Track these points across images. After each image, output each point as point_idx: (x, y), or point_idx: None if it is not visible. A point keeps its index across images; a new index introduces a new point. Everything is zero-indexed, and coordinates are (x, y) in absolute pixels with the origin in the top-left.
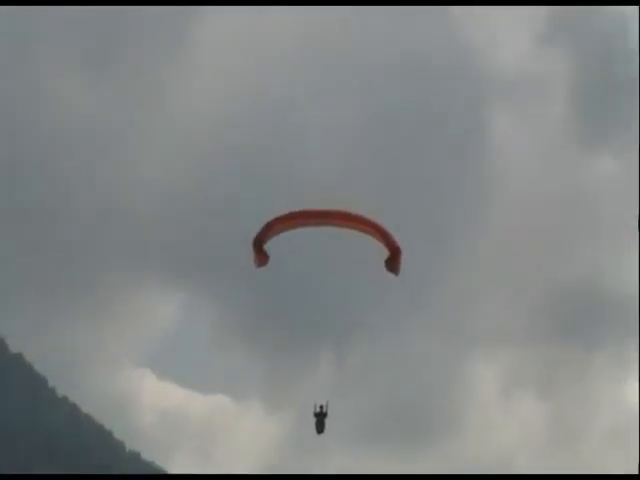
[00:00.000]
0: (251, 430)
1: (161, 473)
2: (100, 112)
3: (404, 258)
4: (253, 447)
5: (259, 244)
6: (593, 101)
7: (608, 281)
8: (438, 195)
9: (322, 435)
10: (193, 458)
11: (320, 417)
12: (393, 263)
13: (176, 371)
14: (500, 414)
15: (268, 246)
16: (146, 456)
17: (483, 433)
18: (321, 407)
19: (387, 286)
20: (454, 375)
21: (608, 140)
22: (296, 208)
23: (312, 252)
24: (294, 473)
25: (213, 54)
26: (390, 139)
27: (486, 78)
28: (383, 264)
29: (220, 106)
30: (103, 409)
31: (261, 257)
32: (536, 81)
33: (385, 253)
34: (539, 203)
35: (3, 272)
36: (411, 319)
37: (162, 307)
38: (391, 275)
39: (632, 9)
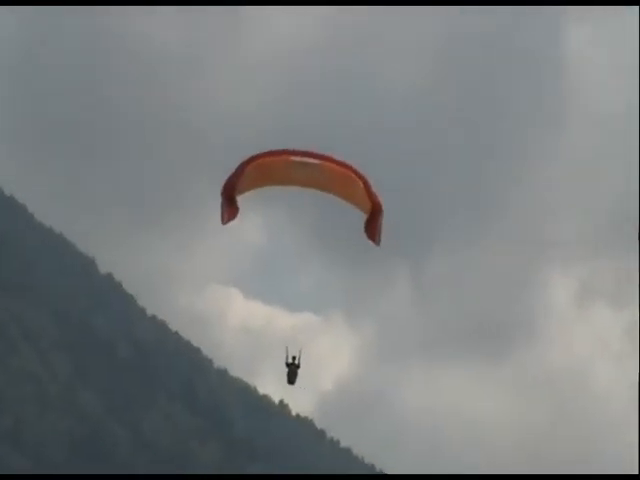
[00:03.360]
0: (333, 344)
1: (249, 388)
2: (185, 42)
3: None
4: (335, 360)
5: (230, 195)
6: None
7: None
8: (516, 110)
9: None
10: (278, 374)
11: (292, 367)
12: (374, 226)
13: (261, 289)
14: (576, 323)
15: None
16: (234, 373)
17: (560, 342)
18: (294, 358)
19: (464, 200)
20: (531, 285)
21: None
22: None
23: (390, 168)
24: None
25: None
26: (467, 58)
27: None
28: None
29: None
30: (191, 326)
31: (231, 210)
32: None
33: (363, 215)
34: (616, 117)
35: (91, 193)
36: (488, 232)
37: (245, 227)
38: (470, 190)
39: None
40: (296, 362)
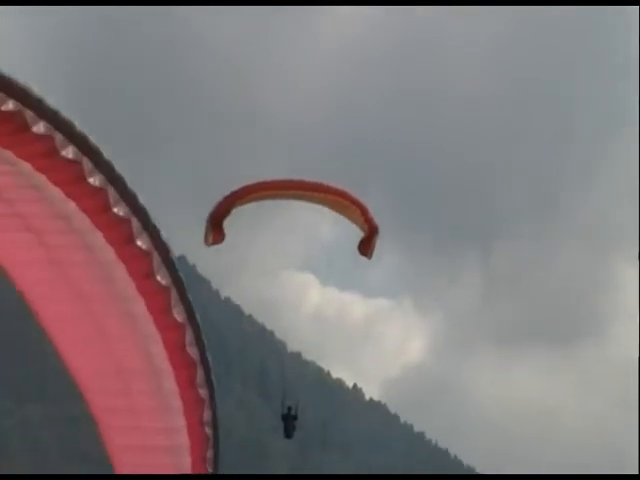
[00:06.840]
0: (403, 330)
1: (322, 372)
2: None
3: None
4: (404, 346)
5: (218, 220)
6: None
7: None
8: (581, 112)
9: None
10: (349, 356)
11: (289, 420)
12: (368, 244)
13: (335, 275)
14: None
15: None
16: (306, 356)
17: (629, 336)
18: (289, 408)
19: (531, 194)
20: (598, 279)
21: None
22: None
23: (462, 160)
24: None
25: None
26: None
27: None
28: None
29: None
30: (265, 311)
31: (217, 235)
32: None
33: (359, 234)
34: None
35: (160, 175)
36: (554, 225)
37: (320, 218)
38: (535, 185)
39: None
40: (292, 413)
